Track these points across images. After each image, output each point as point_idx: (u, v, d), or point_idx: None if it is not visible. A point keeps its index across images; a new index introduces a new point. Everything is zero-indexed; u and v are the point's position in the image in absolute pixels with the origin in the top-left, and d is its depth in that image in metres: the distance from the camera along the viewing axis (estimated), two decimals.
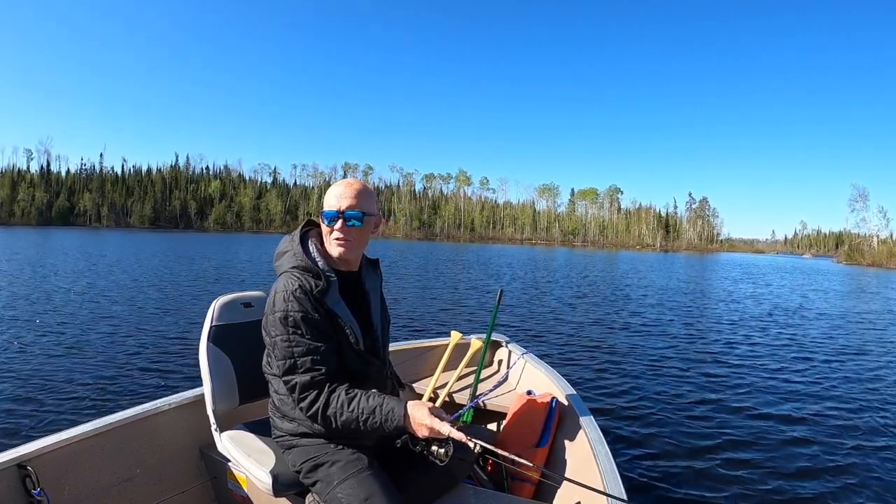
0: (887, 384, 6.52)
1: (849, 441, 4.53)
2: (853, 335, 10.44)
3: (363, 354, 1.77)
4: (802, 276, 33.05)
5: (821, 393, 6.01)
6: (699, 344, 8.75)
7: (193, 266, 20.63)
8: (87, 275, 15.59)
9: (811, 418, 5.12)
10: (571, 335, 9.02)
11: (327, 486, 1.67)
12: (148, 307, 10.07)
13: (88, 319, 8.61)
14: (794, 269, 45.96)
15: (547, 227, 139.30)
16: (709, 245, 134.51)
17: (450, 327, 4.64)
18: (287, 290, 1.64)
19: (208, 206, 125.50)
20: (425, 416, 1.54)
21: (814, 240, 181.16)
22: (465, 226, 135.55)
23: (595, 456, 2.05)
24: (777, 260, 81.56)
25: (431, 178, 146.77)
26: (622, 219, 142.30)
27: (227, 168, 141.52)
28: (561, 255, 55.52)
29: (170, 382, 5.36)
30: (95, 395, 4.91)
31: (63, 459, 1.95)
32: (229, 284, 15.12)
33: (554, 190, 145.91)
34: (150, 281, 14.64)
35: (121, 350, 6.62)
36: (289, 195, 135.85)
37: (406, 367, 3.25)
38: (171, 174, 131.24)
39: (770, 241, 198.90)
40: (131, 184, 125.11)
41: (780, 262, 65.42)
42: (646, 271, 30.33)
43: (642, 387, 5.95)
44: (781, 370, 7.08)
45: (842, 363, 7.69)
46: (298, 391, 1.61)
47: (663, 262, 47.78)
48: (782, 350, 8.54)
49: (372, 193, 1.80)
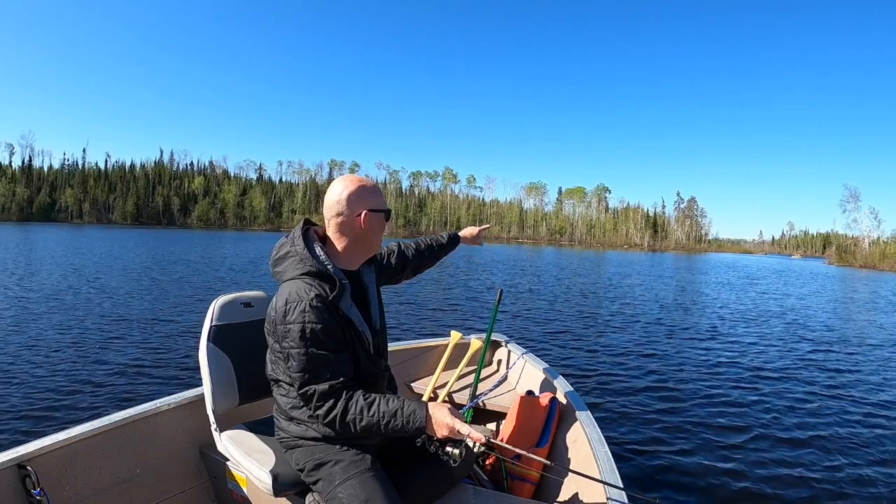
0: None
1: (853, 443, 4.55)
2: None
3: (374, 358, 1.77)
4: (802, 280, 31.46)
5: (836, 399, 5.90)
6: (699, 344, 8.80)
7: (189, 265, 20.44)
8: (85, 274, 15.34)
9: (813, 417, 5.17)
10: (571, 335, 9.02)
11: (329, 485, 1.66)
12: (147, 306, 9.95)
13: (87, 319, 8.48)
14: (789, 271, 44.97)
15: (534, 225, 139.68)
16: (697, 245, 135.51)
17: (441, 327, 4.63)
18: (303, 301, 1.56)
19: (192, 203, 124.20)
20: (446, 416, 1.56)
21: (801, 241, 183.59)
22: (450, 224, 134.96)
23: (595, 455, 2.06)
24: (767, 260, 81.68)
25: (418, 175, 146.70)
26: (610, 218, 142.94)
27: (212, 164, 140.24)
28: (548, 254, 55.27)
29: (170, 382, 5.33)
30: (95, 395, 4.87)
31: (63, 459, 1.93)
32: (230, 284, 14.99)
33: (541, 188, 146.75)
34: (149, 280, 14.47)
35: (120, 350, 6.55)
36: (273, 192, 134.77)
37: (406, 367, 3.25)
38: (155, 170, 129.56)
39: (758, 242, 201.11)
40: (114, 179, 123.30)
41: (771, 263, 65.38)
42: (642, 273, 29.78)
43: (642, 386, 5.97)
44: (781, 370, 7.13)
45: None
46: (316, 399, 1.59)
47: (654, 262, 47.35)
48: (782, 349, 8.62)
49: None
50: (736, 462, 4.04)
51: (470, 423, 3.02)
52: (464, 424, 1.56)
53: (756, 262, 71.85)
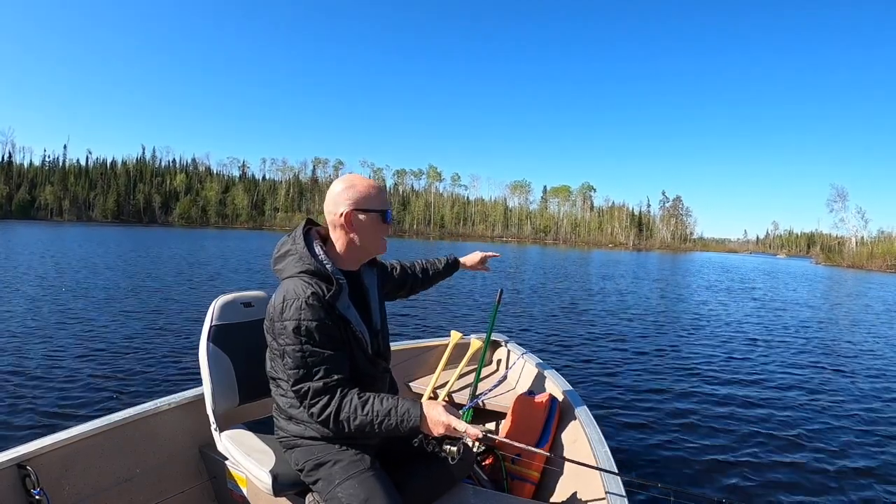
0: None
1: (854, 444, 4.59)
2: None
3: (372, 358, 1.77)
4: (800, 282, 30.09)
5: (838, 401, 5.89)
6: (699, 344, 8.86)
7: (185, 263, 20.25)
8: (82, 273, 15.16)
9: (816, 417, 5.23)
10: (570, 335, 9.04)
11: (328, 485, 1.66)
12: (146, 306, 9.84)
13: (86, 319, 8.39)
14: (780, 272, 43.42)
15: (518, 224, 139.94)
16: (682, 244, 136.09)
17: (441, 326, 4.63)
18: (299, 298, 1.57)
19: (173, 200, 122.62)
20: (441, 414, 1.56)
21: (785, 240, 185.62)
22: (434, 223, 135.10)
23: (595, 455, 2.07)
24: (753, 260, 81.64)
25: (402, 173, 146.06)
26: (595, 217, 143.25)
27: (194, 161, 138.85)
28: (533, 253, 55.19)
29: (169, 382, 5.30)
30: (95, 395, 4.83)
31: (63, 459, 1.93)
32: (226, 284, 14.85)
33: (526, 187, 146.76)
34: (147, 280, 14.31)
35: (120, 349, 6.49)
36: (256, 190, 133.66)
37: (406, 366, 3.26)
38: (137, 167, 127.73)
39: (742, 241, 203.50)
40: (94, 177, 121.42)
41: (758, 263, 65.22)
42: (638, 273, 29.52)
43: (642, 386, 5.99)
44: (783, 369, 7.20)
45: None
46: (310, 397, 1.59)
47: (642, 262, 46.91)
48: (782, 348, 8.74)
49: None
50: (738, 460, 4.07)
51: (470, 423, 3.04)
52: (460, 421, 1.56)
53: (742, 261, 72.01)
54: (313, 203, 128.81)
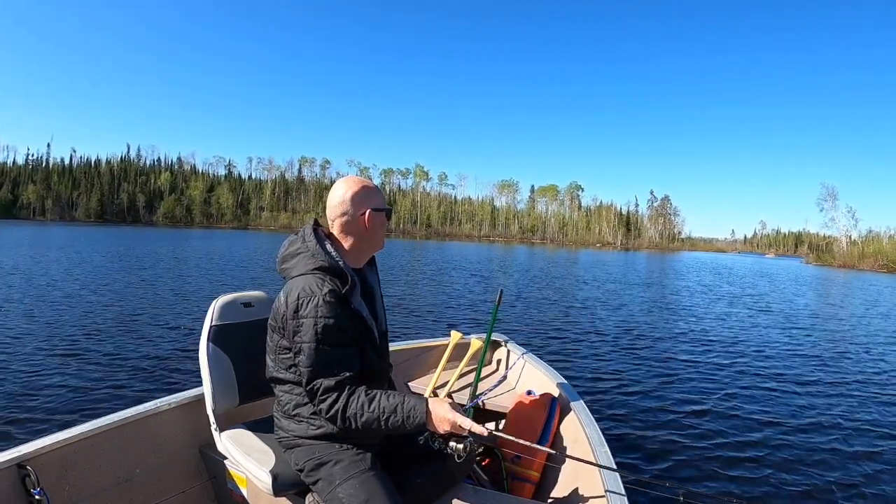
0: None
1: (857, 445, 4.61)
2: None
3: (381, 353, 1.79)
4: (799, 284, 28.22)
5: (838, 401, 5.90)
6: (699, 344, 8.92)
7: (181, 263, 20.12)
8: (78, 272, 15.03)
9: (816, 417, 5.27)
10: (570, 335, 9.06)
11: (329, 486, 1.66)
12: (146, 306, 9.79)
13: (85, 319, 8.35)
14: (772, 273, 41.01)
15: (506, 223, 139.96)
16: (670, 244, 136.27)
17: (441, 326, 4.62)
18: (316, 295, 1.58)
19: (157, 200, 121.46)
20: (447, 411, 1.56)
21: (773, 239, 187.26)
22: (421, 222, 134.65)
23: (595, 455, 2.08)
24: (742, 260, 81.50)
25: (389, 172, 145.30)
26: (583, 216, 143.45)
27: (179, 160, 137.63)
28: (520, 253, 54.68)
29: (169, 382, 5.28)
30: (95, 395, 4.82)
31: (63, 459, 1.92)
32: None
33: (513, 186, 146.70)
34: (145, 279, 14.22)
35: (120, 349, 6.47)
36: (241, 189, 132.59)
37: (406, 366, 3.26)
38: (121, 166, 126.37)
39: (730, 241, 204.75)
40: (78, 176, 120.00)
41: (748, 263, 64.90)
42: (634, 274, 29.01)
43: (642, 386, 6.01)
44: (783, 369, 7.25)
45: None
46: (320, 393, 1.59)
47: (631, 262, 46.45)
48: (784, 349, 8.79)
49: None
50: (740, 460, 4.10)
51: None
52: (465, 419, 1.57)
53: (732, 260, 72.03)
54: (299, 202, 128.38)
